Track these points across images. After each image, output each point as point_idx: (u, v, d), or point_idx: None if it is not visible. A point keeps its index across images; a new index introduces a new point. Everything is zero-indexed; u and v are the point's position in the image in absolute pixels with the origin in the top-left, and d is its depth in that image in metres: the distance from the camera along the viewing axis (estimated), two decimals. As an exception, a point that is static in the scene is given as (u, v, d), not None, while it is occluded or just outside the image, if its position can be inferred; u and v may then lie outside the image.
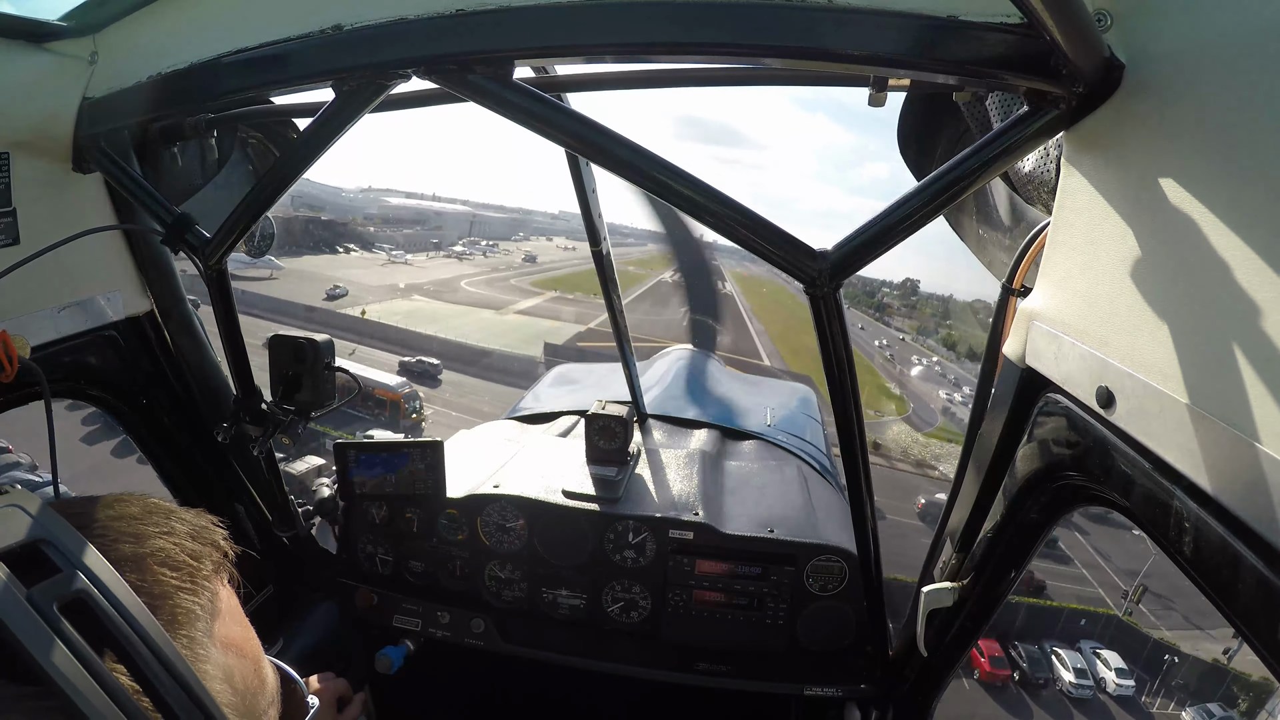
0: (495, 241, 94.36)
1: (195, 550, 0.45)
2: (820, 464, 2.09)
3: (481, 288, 55.77)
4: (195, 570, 0.44)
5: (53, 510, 0.40)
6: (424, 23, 0.77)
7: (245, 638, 0.48)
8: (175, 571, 0.43)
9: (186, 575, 0.43)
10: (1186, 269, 0.56)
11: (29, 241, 0.99)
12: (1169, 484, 0.57)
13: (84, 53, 0.99)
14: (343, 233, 69.66)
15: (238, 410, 1.28)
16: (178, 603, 0.42)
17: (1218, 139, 0.54)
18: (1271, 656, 0.48)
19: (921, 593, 1.06)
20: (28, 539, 0.37)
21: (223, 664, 0.44)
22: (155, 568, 0.42)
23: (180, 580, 0.42)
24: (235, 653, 0.46)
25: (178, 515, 0.46)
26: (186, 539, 0.45)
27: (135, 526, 0.43)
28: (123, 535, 0.42)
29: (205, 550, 0.46)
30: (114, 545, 0.41)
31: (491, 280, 59.62)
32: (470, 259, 73.01)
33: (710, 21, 0.69)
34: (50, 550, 0.37)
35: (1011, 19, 0.64)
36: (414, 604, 1.58)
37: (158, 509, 0.46)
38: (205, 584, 0.45)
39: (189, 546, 0.44)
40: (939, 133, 1.07)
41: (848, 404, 0.88)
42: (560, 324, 44.99)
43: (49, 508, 0.40)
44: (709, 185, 0.76)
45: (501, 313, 46.49)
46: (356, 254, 63.40)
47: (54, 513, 0.39)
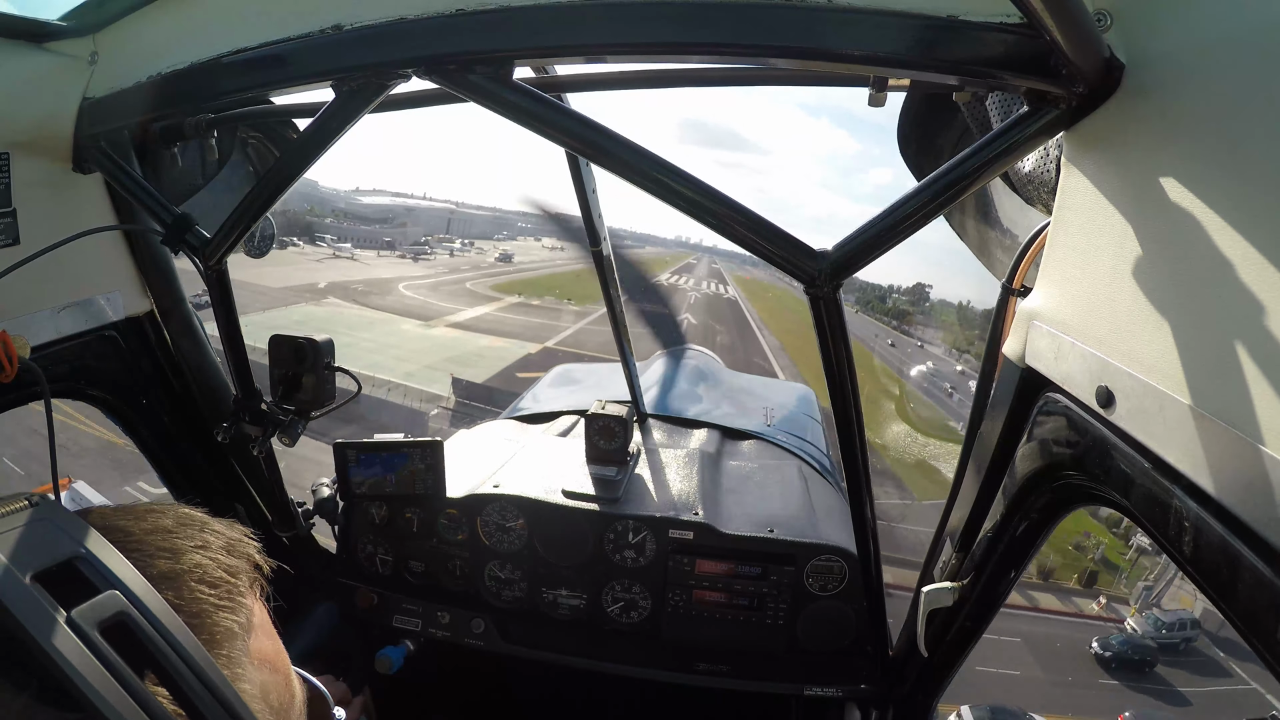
0: (472, 240, 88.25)
1: (231, 565, 0.44)
2: (820, 464, 2.09)
3: (423, 292, 45.06)
4: (233, 587, 0.43)
5: (85, 523, 0.38)
6: (424, 23, 0.77)
7: (277, 651, 0.47)
8: (213, 589, 0.42)
9: (224, 592, 0.42)
10: (1186, 269, 0.56)
11: (29, 241, 0.98)
12: (1169, 484, 0.57)
13: (84, 53, 0.99)
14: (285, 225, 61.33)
15: (238, 410, 1.28)
16: (216, 621, 0.41)
17: (1218, 139, 0.54)
18: (1271, 656, 0.48)
19: (921, 593, 1.06)
20: (62, 557, 0.36)
21: (259, 681, 0.43)
22: (193, 585, 0.41)
23: (218, 598, 0.42)
24: (269, 668, 0.45)
25: (211, 528, 0.45)
26: (222, 553, 0.44)
27: (170, 540, 0.42)
28: (159, 550, 0.41)
29: (241, 565, 0.45)
30: (150, 561, 0.40)
31: (440, 284, 48.15)
32: (429, 258, 63.08)
33: (710, 21, 0.69)
34: (85, 567, 0.36)
35: (1011, 19, 0.64)
36: (414, 604, 1.58)
37: (191, 521, 0.45)
38: (242, 600, 0.44)
39: (225, 562, 0.44)
40: (939, 133, 1.07)
41: (848, 404, 0.88)
42: (503, 343, 33.30)
43: (80, 520, 0.39)
44: (709, 185, 0.76)
45: (430, 325, 35.86)
46: (296, 249, 55.34)
47: (87, 526, 0.38)
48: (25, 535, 0.36)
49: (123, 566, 0.37)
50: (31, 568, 0.34)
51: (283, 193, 1.00)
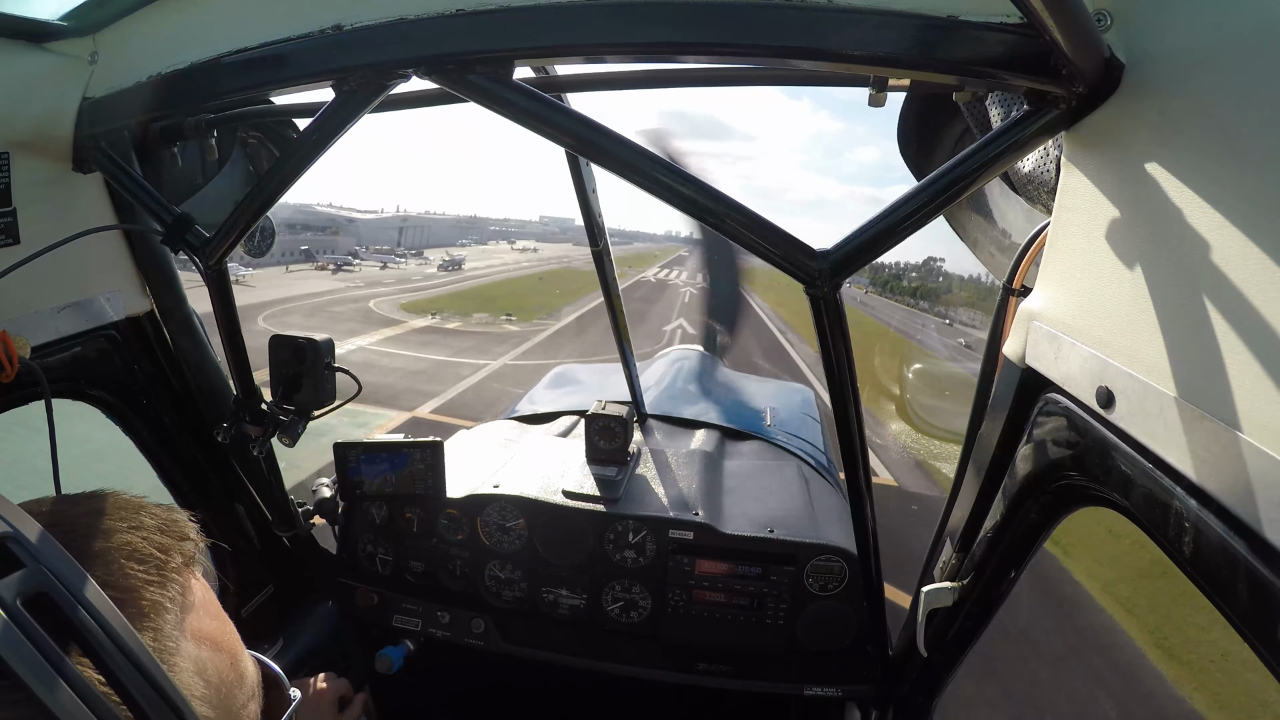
0: (421, 249, 77.10)
1: (163, 544, 0.45)
2: (820, 464, 2.09)
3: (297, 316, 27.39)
4: (163, 563, 0.44)
5: (17, 508, 0.40)
6: (424, 23, 0.77)
7: (221, 631, 0.48)
8: (142, 565, 0.42)
9: (154, 568, 0.43)
10: (1187, 269, 0.56)
11: (29, 241, 0.98)
12: (1169, 484, 0.57)
13: (84, 53, 0.99)
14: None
15: (238, 410, 1.28)
16: (144, 595, 0.41)
17: (1218, 138, 0.54)
18: (1271, 656, 0.48)
19: (921, 593, 1.06)
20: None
21: (195, 656, 0.43)
22: (122, 561, 0.42)
23: (147, 573, 0.42)
24: (210, 646, 0.45)
25: (148, 510, 0.46)
26: (155, 533, 0.45)
27: (102, 522, 0.43)
28: (90, 531, 0.42)
29: (173, 544, 0.45)
30: (80, 540, 0.41)
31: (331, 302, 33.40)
32: (353, 269, 50.85)
33: (710, 21, 0.69)
34: (15, 546, 0.37)
35: (1011, 19, 0.64)
36: (414, 604, 1.58)
37: (127, 504, 0.46)
38: (174, 577, 0.44)
39: (157, 540, 0.44)
40: (939, 133, 1.07)
41: (848, 404, 0.88)
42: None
43: (14, 506, 0.40)
44: (709, 185, 0.76)
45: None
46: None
47: (18, 510, 0.40)
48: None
49: (50, 545, 0.38)
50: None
51: (283, 193, 1.00)
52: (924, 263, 75.19)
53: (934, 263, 72.71)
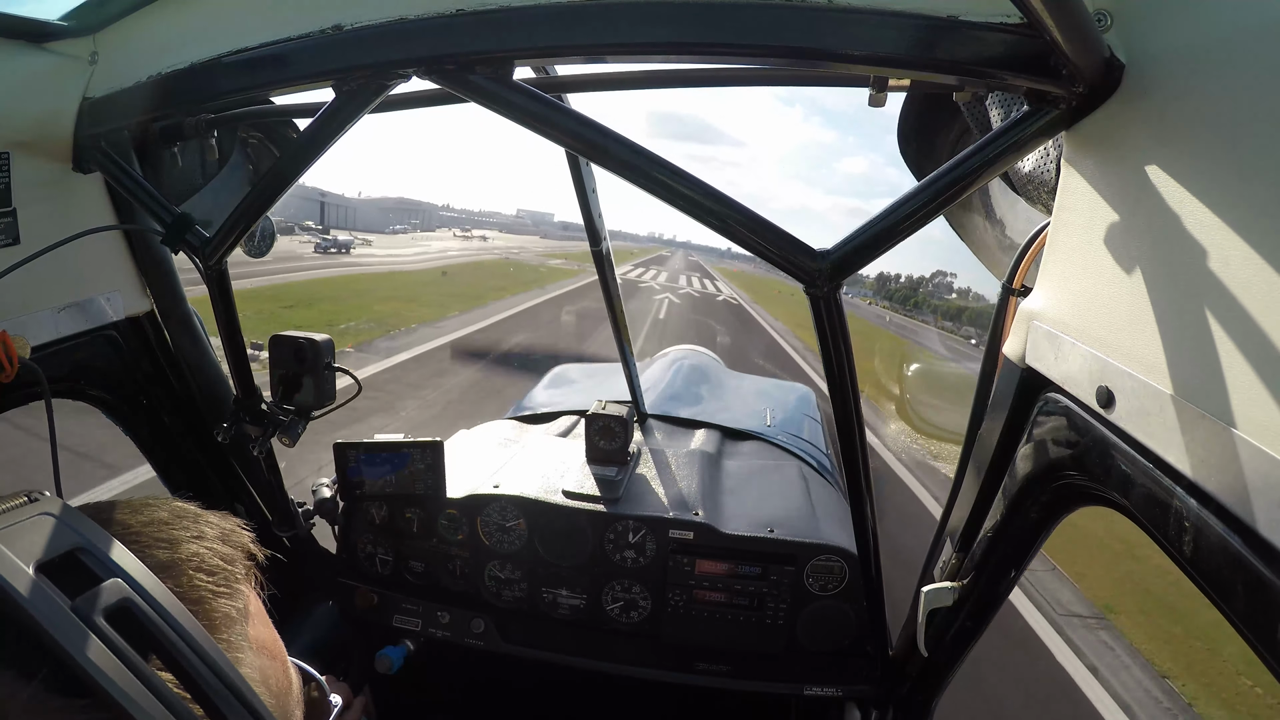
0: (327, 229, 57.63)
1: (227, 554, 0.45)
2: (820, 464, 2.09)
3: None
4: (229, 574, 0.44)
5: (84, 516, 0.39)
6: (424, 23, 0.77)
7: (274, 639, 0.48)
8: (211, 576, 0.42)
9: (222, 579, 0.43)
10: (1187, 268, 0.56)
11: (29, 241, 0.98)
12: (1169, 484, 0.57)
13: (84, 53, 0.99)
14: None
15: (238, 410, 1.28)
16: (215, 607, 0.41)
17: (1218, 139, 0.54)
18: (1271, 656, 0.48)
19: (921, 593, 1.06)
20: (64, 548, 0.36)
21: (258, 666, 0.44)
22: (191, 573, 0.41)
23: (216, 584, 0.42)
24: (267, 655, 0.46)
25: (205, 519, 0.46)
26: (218, 543, 0.45)
27: (167, 532, 0.43)
28: (156, 541, 0.42)
29: (236, 554, 0.46)
30: (149, 551, 0.40)
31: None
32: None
33: (710, 21, 0.69)
34: (87, 558, 0.36)
35: (1011, 19, 0.64)
36: (414, 604, 1.58)
37: (186, 513, 0.46)
38: (239, 587, 0.44)
39: (221, 550, 0.44)
40: (939, 133, 1.07)
41: (848, 404, 0.88)
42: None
43: (80, 514, 0.39)
44: (709, 185, 0.76)
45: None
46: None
47: (86, 519, 0.39)
48: (27, 529, 0.36)
49: (124, 556, 0.38)
50: (34, 559, 0.35)
51: (283, 193, 1.00)
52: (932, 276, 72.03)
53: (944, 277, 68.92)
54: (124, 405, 1.27)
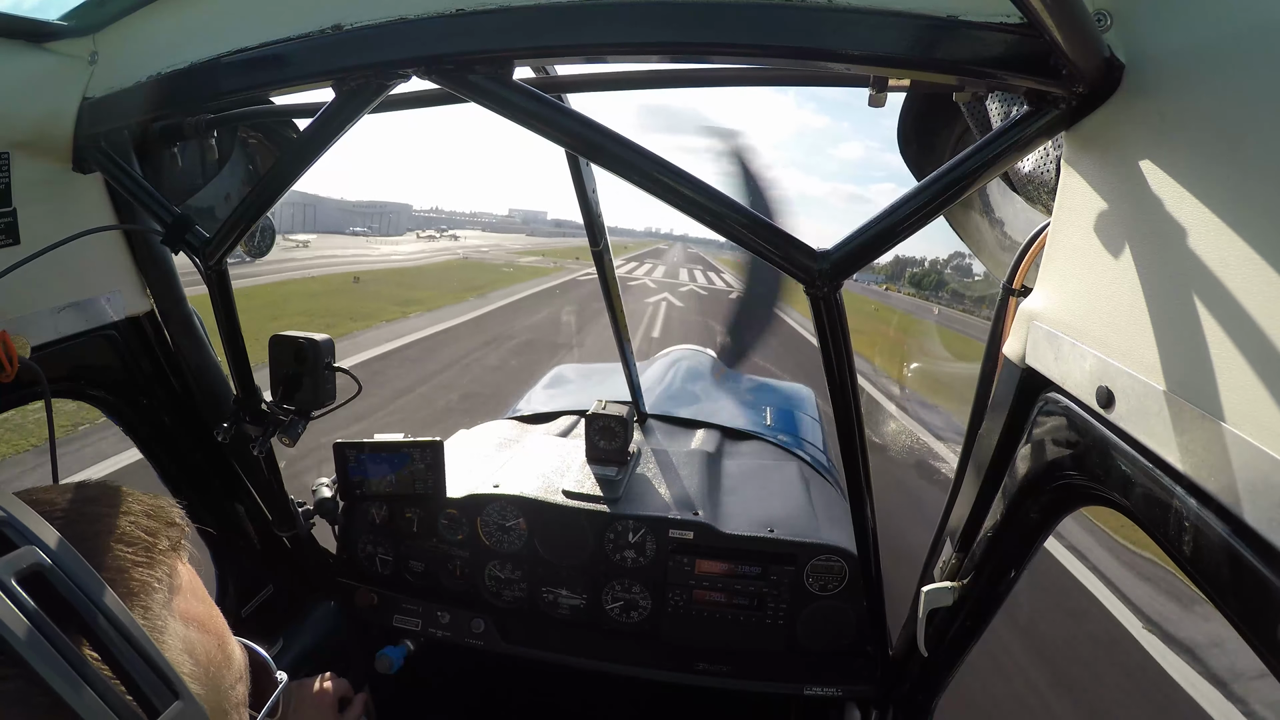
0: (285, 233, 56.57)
1: (151, 527, 0.46)
2: (820, 464, 2.10)
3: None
4: (151, 545, 0.45)
5: (10, 494, 0.41)
6: (424, 23, 0.77)
7: (208, 614, 0.49)
8: (131, 547, 0.44)
9: (142, 550, 0.44)
10: (1187, 268, 0.56)
11: (29, 241, 0.98)
12: (1169, 483, 0.57)
13: (84, 53, 0.99)
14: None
15: (238, 410, 1.28)
16: (133, 576, 0.43)
17: (1218, 139, 0.54)
18: (1271, 656, 0.48)
19: (921, 593, 1.06)
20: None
21: (183, 635, 0.45)
22: (110, 544, 0.43)
23: (136, 555, 0.44)
24: (197, 627, 0.47)
25: (134, 497, 0.48)
26: (142, 516, 0.46)
27: (91, 507, 0.45)
28: (79, 515, 0.43)
29: (160, 528, 0.47)
30: (70, 525, 0.42)
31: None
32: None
33: (710, 21, 0.69)
34: (8, 529, 0.38)
35: (1011, 19, 0.64)
36: (414, 604, 1.59)
37: (115, 492, 0.47)
38: (162, 558, 0.46)
39: (144, 524, 0.46)
40: (939, 133, 1.07)
41: (848, 404, 0.88)
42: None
43: (9, 494, 0.41)
44: (708, 185, 0.76)
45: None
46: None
47: (10, 495, 0.41)
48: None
49: (42, 527, 0.40)
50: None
51: (283, 193, 1.00)
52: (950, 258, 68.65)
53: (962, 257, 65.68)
54: (124, 405, 1.27)
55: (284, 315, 12.13)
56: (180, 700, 0.40)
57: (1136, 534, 4.19)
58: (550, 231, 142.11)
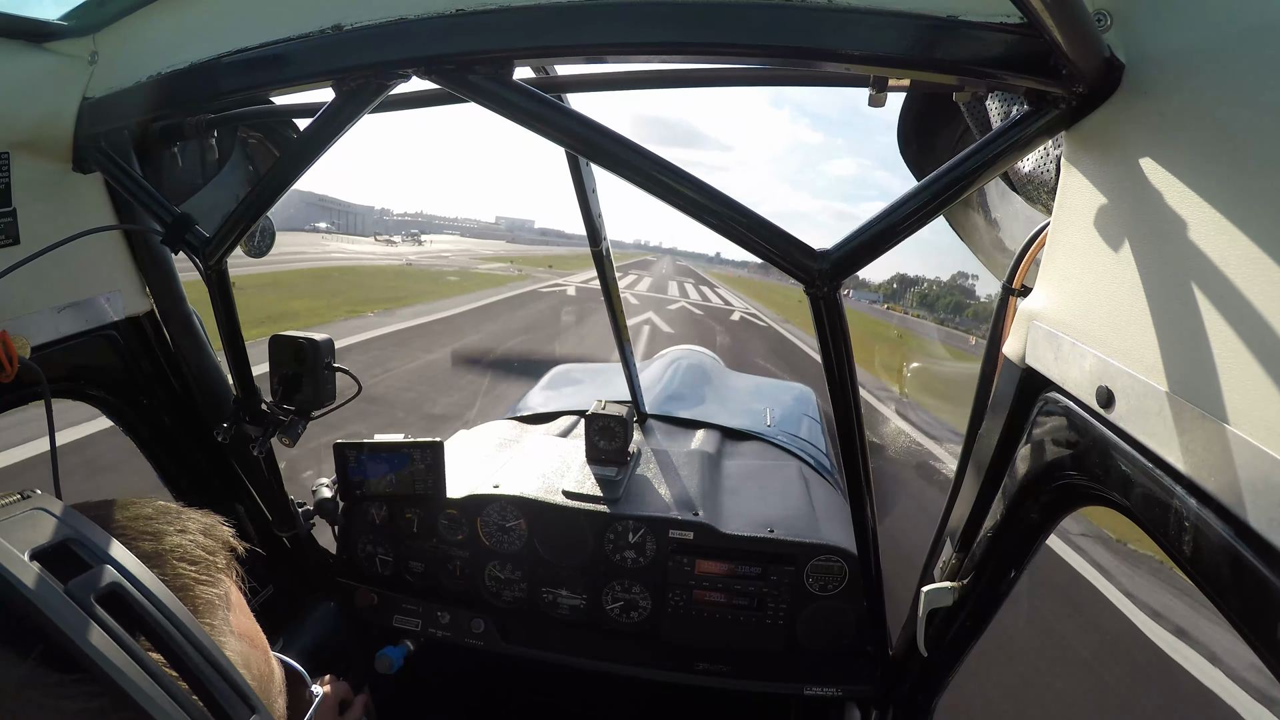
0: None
1: (209, 546, 0.47)
2: (820, 464, 2.09)
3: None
4: (211, 564, 0.46)
5: (75, 511, 0.42)
6: (424, 23, 0.77)
7: (255, 630, 0.51)
8: (193, 565, 0.45)
9: (203, 569, 0.45)
10: (1187, 268, 0.56)
11: (29, 241, 0.99)
12: (1169, 483, 0.57)
13: (84, 53, 0.99)
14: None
15: (238, 410, 1.28)
16: (198, 593, 0.44)
17: (1218, 139, 0.54)
18: (1271, 656, 0.48)
19: (921, 593, 1.06)
20: (57, 539, 0.39)
21: (240, 651, 0.46)
22: (175, 562, 0.44)
23: (198, 573, 0.45)
24: (248, 642, 0.48)
25: (188, 515, 0.49)
26: (200, 535, 0.47)
27: (151, 525, 0.46)
28: (141, 534, 0.44)
29: (216, 545, 0.48)
30: (135, 543, 0.43)
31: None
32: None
33: (710, 21, 0.69)
34: (78, 548, 0.39)
35: (1011, 19, 0.64)
36: (414, 604, 1.59)
37: (169, 510, 0.48)
38: (220, 576, 0.47)
39: (203, 542, 0.47)
40: (939, 133, 1.07)
41: (848, 404, 0.88)
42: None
43: (71, 509, 0.42)
44: (708, 185, 0.76)
45: None
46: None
47: (77, 513, 0.42)
48: (22, 522, 0.39)
49: (112, 546, 0.40)
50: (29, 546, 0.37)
51: (283, 193, 1.00)
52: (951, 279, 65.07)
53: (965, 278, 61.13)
54: (124, 405, 1.27)
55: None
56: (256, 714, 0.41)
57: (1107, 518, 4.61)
58: (532, 239, 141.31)
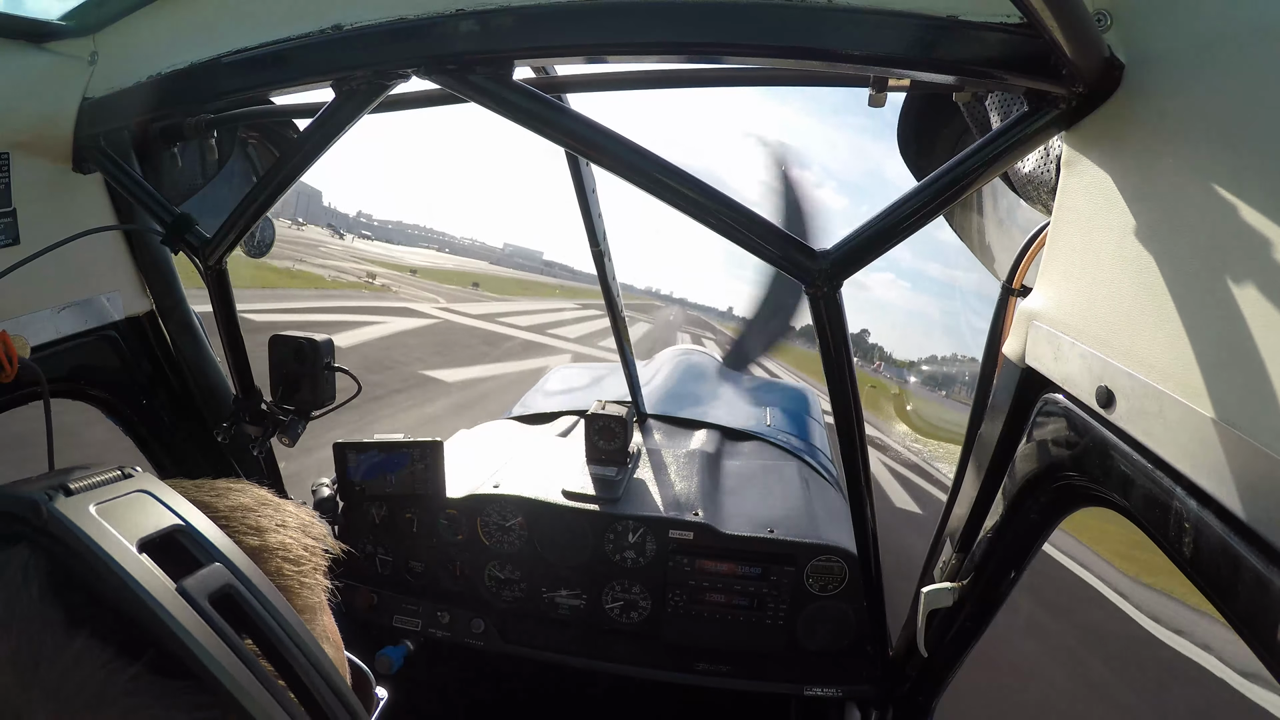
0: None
1: (309, 544, 0.45)
2: (820, 464, 2.10)
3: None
4: (312, 565, 0.44)
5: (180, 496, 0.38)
6: (424, 23, 0.77)
7: (336, 631, 0.49)
8: (296, 566, 0.42)
9: (306, 570, 0.43)
10: (1187, 268, 0.56)
11: (29, 241, 0.99)
12: (1169, 484, 0.57)
13: (84, 53, 0.99)
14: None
15: (238, 410, 1.28)
16: (302, 596, 0.42)
17: (1217, 138, 0.54)
18: (1271, 656, 0.48)
19: (921, 593, 1.06)
20: (165, 529, 0.35)
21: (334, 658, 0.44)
22: (280, 561, 0.41)
23: (302, 574, 0.43)
24: (333, 645, 0.46)
25: (285, 508, 0.46)
26: (299, 533, 0.45)
27: (253, 518, 0.43)
28: (246, 528, 0.41)
29: (314, 544, 0.46)
30: (241, 538, 0.40)
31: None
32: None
33: (710, 21, 0.69)
34: (186, 540, 0.36)
35: (1011, 19, 0.64)
36: (414, 604, 1.58)
37: (268, 501, 0.46)
38: (318, 577, 0.45)
39: (303, 540, 0.45)
40: (939, 133, 1.07)
41: (848, 404, 0.88)
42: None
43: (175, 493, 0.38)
44: (708, 185, 0.76)
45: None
46: None
47: (182, 499, 0.38)
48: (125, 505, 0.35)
49: (222, 540, 0.37)
50: (136, 537, 0.34)
51: (283, 193, 1.00)
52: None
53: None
54: (124, 405, 1.27)
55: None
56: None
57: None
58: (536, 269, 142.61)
